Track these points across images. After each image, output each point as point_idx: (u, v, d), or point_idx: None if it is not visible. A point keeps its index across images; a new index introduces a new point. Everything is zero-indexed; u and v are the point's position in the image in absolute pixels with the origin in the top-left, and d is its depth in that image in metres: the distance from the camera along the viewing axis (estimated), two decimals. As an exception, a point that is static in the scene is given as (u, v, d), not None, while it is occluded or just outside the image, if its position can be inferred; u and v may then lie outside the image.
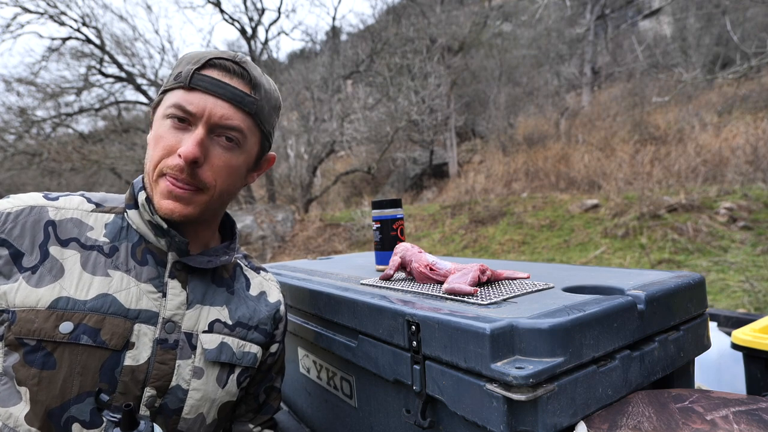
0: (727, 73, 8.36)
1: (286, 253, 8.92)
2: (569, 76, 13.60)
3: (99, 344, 0.60)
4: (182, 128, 0.65)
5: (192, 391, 0.67)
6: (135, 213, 0.70)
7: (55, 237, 0.63)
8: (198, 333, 0.69)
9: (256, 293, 0.82)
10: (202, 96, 0.65)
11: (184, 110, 0.64)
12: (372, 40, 12.36)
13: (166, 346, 0.65)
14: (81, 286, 0.62)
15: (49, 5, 9.88)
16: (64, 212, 0.66)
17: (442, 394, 0.58)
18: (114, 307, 0.62)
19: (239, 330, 0.74)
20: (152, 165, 0.66)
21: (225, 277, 0.78)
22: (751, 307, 3.74)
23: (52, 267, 0.61)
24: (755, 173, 6.76)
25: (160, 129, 0.66)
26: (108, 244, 0.66)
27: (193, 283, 0.71)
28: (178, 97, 0.65)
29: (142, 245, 0.68)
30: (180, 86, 0.65)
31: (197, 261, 0.71)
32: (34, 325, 0.58)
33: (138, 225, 0.69)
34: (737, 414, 0.51)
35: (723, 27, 9.77)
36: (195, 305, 0.70)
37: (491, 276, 0.77)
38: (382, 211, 1.06)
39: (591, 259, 5.62)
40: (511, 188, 9.70)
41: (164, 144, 0.65)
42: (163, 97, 0.68)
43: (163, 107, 0.67)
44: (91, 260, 0.64)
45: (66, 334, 0.59)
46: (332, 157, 12.78)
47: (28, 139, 10.54)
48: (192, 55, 0.68)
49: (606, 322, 0.57)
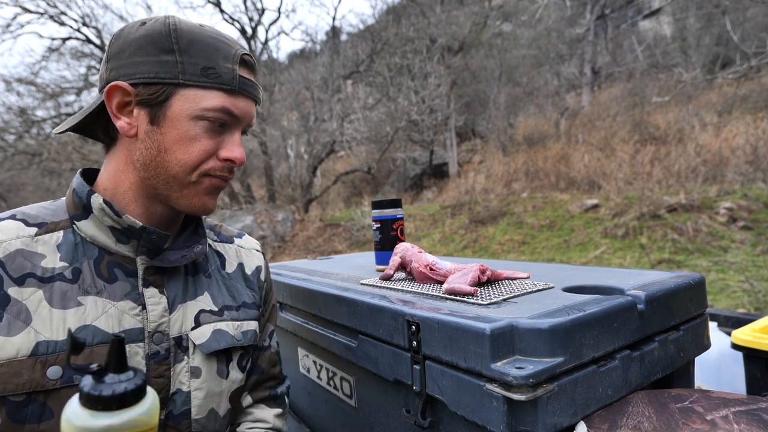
0: (727, 73, 8.37)
1: (286, 253, 8.92)
2: (569, 76, 13.60)
3: None
4: (219, 131, 0.63)
5: (194, 391, 0.65)
6: (88, 223, 0.62)
7: (9, 277, 0.56)
8: (187, 333, 0.66)
9: (234, 268, 0.77)
10: (245, 101, 0.64)
11: (231, 115, 0.63)
12: (372, 40, 12.36)
13: (159, 359, 0.62)
14: (55, 325, 0.56)
15: (49, 5, 9.88)
16: (6, 246, 0.57)
17: (442, 394, 0.58)
18: (98, 337, 0.57)
19: (228, 313, 0.71)
20: (189, 169, 0.62)
21: (198, 263, 0.72)
22: (751, 307, 3.74)
23: (19, 311, 0.55)
24: (755, 173, 6.76)
25: (192, 132, 0.61)
26: (68, 269, 0.59)
27: (170, 284, 0.66)
28: (222, 100, 0.61)
29: (104, 259, 0.62)
30: (222, 88, 0.61)
31: (171, 260, 0.65)
32: (23, 378, 0.53)
33: (93, 236, 0.62)
34: (737, 414, 0.51)
35: (723, 27, 9.77)
36: (177, 307, 0.66)
37: (491, 276, 0.77)
38: (382, 211, 1.06)
39: (591, 259, 5.62)
40: (511, 188, 9.70)
41: (204, 148, 0.62)
42: (176, 91, 0.60)
43: (189, 106, 0.60)
44: (56, 293, 0.57)
45: (56, 380, 0.54)
46: (332, 157, 12.78)
47: (28, 139, 10.55)
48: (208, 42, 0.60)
49: (606, 322, 0.57)
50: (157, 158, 0.61)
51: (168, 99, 0.60)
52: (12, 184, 11.15)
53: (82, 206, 0.62)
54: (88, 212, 0.62)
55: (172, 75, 0.59)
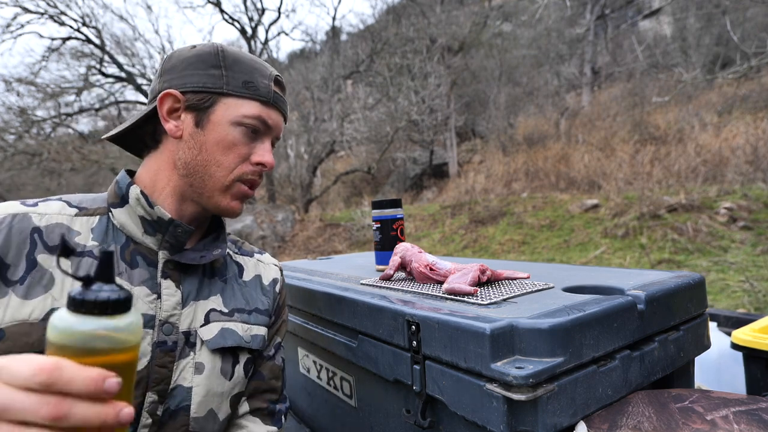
0: (727, 73, 8.37)
1: (286, 253, 8.91)
2: (569, 76, 13.60)
3: None
4: (252, 138, 0.71)
5: (195, 387, 0.66)
6: (122, 211, 0.67)
7: (43, 245, 0.60)
8: (196, 329, 0.68)
9: (251, 278, 0.81)
10: (276, 114, 0.73)
11: (265, 124, 0.71)
12: (372, 40, 12.36)
13: (165, 348, 0.64)
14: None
15: (49, 5, 9.89)
16: (48, 218, 0.63)
17: (442, 394, 0.58)
18: None
19: (239, 315, 0.74)
20: (226, 170, 0.70)
21: (216, 267, 0.77)
22: (751, 307, 3.74)
23: (42, 276, 0.58)
24: (755, 173, 6.77)
25: (231, 136, 0.69)
26: (97, 248, 0.64)
27: (186, 281, 0.70)
28: (259, 110, 0.70)
29: (130, 246, 0.67)
30: (259, 100, 0.70)
31: (189, 258, 0.69)
32: (31, 338, 0.55)
33: (124, 224, 0.67)
34: (737, 414, 0.51)
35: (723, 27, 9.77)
36: (190, 303, 0.69)
37: (491, 276, 0.77)
38: (382, 211, 1.06)
39: (591, 259, 5.62)
40: (511, 188, 9.70)
41: (240, 152, 0.70)
42: (220, 99, 0.68)
43: (230, 113, 0.68)
44: (82, 267, 0.61)
45: None
46: (332, 157, 12.78)
47: (28, 139, 10.55)
48: (249, 62, 0.71)
49: (606, 322, 0.57)
50: (198, 158, 0.68)
51: (213, 105, 0.68)
52: (12, 184, 11.15)
53: (121, 196, 0.68)
54: (125, 202, 0.68)
55: (218, 85, 0.68)
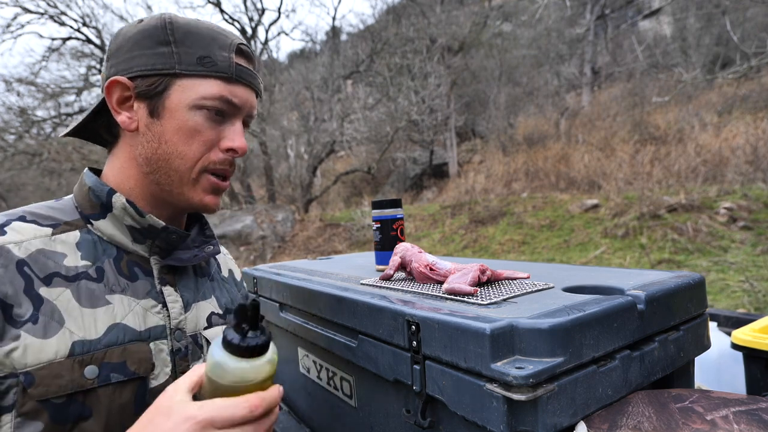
0: (727, 73, 8.37)
1: (286, 253, 8.92)
2: (569, 76, 13.60)
3: (130, 376, 0.57)
4: (218, 120, 0.63)
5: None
6: (106, 223, 0.62)
7: (37, 277, 0.55)
8: (200, 332, 0.69)
9: (227, 274, 0.81)
10: (243, 89, 0.64)
11: (230, 104, 0.62)
12: (372, 40, 12.36)
13: (181, 355, 0.65)
14: (87, 324, 0.56)
15: (49, 5, 9.89)
16: (26, 246, 0.56)
17: (442, 394, 0.58)
18: (129, 335, 0.59)
19: (229, 316, 0.74)
20: (191, 161, 0.62)
21: (203, 266, 0.76)
22: (751, 307, 3.74)
23: (52, 311, 0.54)
24: (755, 173, 6.77)
25: (192, 122, 0.61)
26: (91, 267, 0.59)
27: (182, 283, 0.68)
28: (220, 88, 0.61)
29: (123, 258, 0.63)
30: (219, 76, 0.61)
31: (183, 260, 0.66)
32: (64, 379, 0.52)
33: (112, 235, 0.62)
34: (737, 414, 0.51)
35: (723, 27, 9.77)
36: (191, 305, 0.68)
37: (491, 276, 0.76)
38: (382, 211, 1.05)
39: (591, 259, 5.62)
40: (511, 188, 9.70)
41: (204, 139, 0.62)
42: (173, 81, 0.60)
43: (187, 96, 0.60)
44: (83, 292, 0.57)
45: (93, 379, 0.54)
46: (332, 157, 12.79)
47: (28, 139, 10.55)
48: (204, 32, 0.61)
49: (606, 322, 0.57)
50: (158, 151, 0.61)
51: (166, 90, 0.60)
52: (12, 184, 11.15)
53: (100, 205, 0.62)
54: (107, 211, 0.62)
55: (169, 65, 0.59)
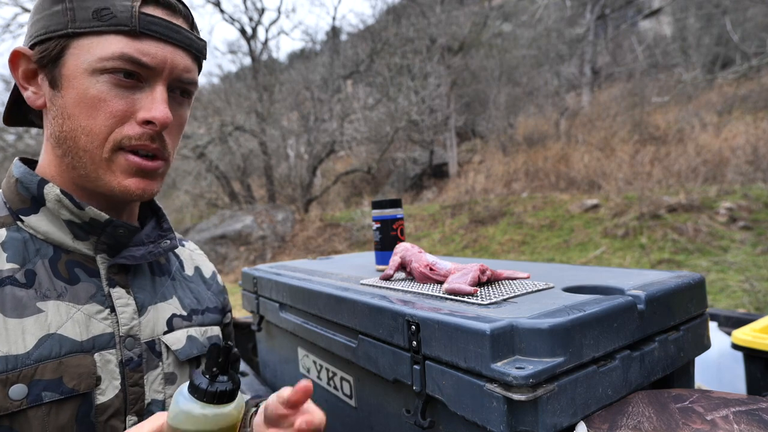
0: (727, 73, 8.37)
1: (286, 253, 8.92)
2: (569, 76, 13.60)
3: (67, 394, 0.49)
4: (129, 87, 0.51)
5: (168, 399, 0.60)
6: (39, 218, 0.54)
7: None
8: (159, 337, 0.60)
9: (192, 272, 0.73)
10: (158, 44, 0.51)
11: (137, 63, 0.50)
12: (372, 40, 12.37)
13: (133, 365, 0.56)
14: (12, 337, 0.48)
15: (49, 5, 9.88)
16: None
17: (442, 394, 0.58)
18: (66, 346, 0.50)
19: (195, 318, 0.67)
20: (98, 138, 0.51)
21: (162, 263, 0.67)
22: (751, 307, 3.74)
23: None
24: (755, 173, 6.77)
25: (94, 89, 0.50)
26: (19, 271, 0.51)
27: (136, 284, 0.60)
28: (122, 45, 0.49)
29: (61, 258, 0.54)
30: (118, 30, 0.49)
31: (136, 257, 0.58)
32: None
33: (47, 232, 0.54)
34: (737, 414, 0.51)
35: (723, 27, 9.77)
36: (147, 308, 0.60)
37: (491, 276, 0.76)
38: (382, 211, 1.06)
39: (591, 259, 5.62)
40: (511, 188, 9.70)
41: (110, 110, 0.50)
42: (69, 43, 0.50)
43: (83, 59, 0.50)
44: (9, 300, 0.49)
45: (21, 400, 0.47)
46: (332, 157, 12.78)
47: (28, 139, 10.55)
48: None
49: (606, 322, 0.57)
50: (63, 128, 0.52)
51: (62, 55, 0.50)
52: (12, 184, 11.16)
53: (31, 198, 0.54)
54: (39, 205, 0.54)
55: (62, 25, 0.49)
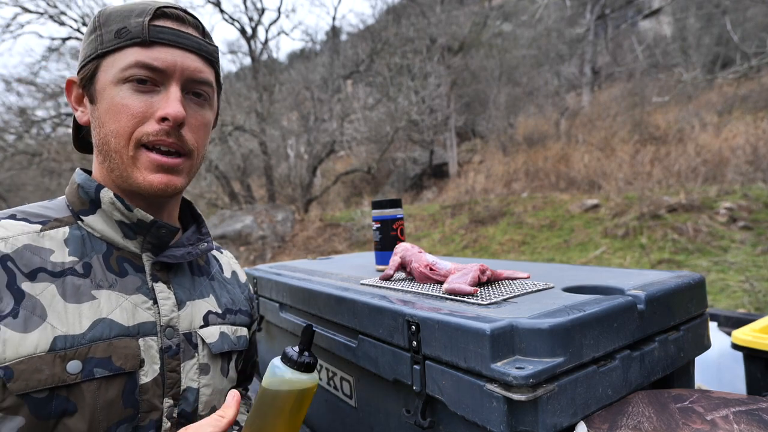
0: (727, 73, 8.37)
1: (286, 253, 8.91)
2: (569, 76, 13.60)
3: (115, 371, 0.56)
4: (147, 91, 0.58)
5: (203, 388, 0.66)
6: (96, 218, 0.62)
7: (20, 272, 0.54)
8: (196, 330, 0.67)
9: (230, 275, 0.81)
10: (168, 50, 0.58)
11: (149, 68, 0.57)
12: (372, 40, 12.37)
13: (171, 353, 0.63)
14: (71, 319, 0.55)
15: (49, 5, 9.88)
16: (13, 241, 0.56)
17: (442, 394, 0.58)
18: (115, 330, 0.57)
19: (229, 317, 0.74)
20: (123, 138, 0.58)
21: (201, 265, 0.75)
22: (751, 307, 3.74)
23: (34, 306, 0.53)
24: (755, 173, 6.77)
25: (117, 97, 0.57)
26: (78, 263, 0.59)
27: (176, 281, 0.67)
28: (136, 55, 0.57)
29: (113, 254, 0.62)
30: (133, 43, 0.57)
31: (176, 256, 0.65)
32: (44, 374, 0.51)
33: (102, 231, 0.62)
34: (737, 414, 0.51)
35: (723, 27, 9.77)
36: (185, 303, 0.67)
37: (491, 276, 0.76)
38: (382, 211, 1.05)
39: (591, 259, 5.62)
40: (511, 188, 9.70)
41: (132, 112, 0.57)
42: (100, 63, 0.59)
43: (110, 73, 0.58)
44: (69, 287, 0.57)
45: (77, 374, 0.53)
46: (332, 157, 12.78)
47: (28, 139, 10.55)
48: (125, 9, 0.59)
49: (606, 322, 0.57)
50: (100, 135, 0.60)
51: (95, 73, 0.59)
52: (12, 184, 11.15)
53: (89, 201, 0.62)
54: (96, 207, 0.62)
55: (95, 49, 0.59)
